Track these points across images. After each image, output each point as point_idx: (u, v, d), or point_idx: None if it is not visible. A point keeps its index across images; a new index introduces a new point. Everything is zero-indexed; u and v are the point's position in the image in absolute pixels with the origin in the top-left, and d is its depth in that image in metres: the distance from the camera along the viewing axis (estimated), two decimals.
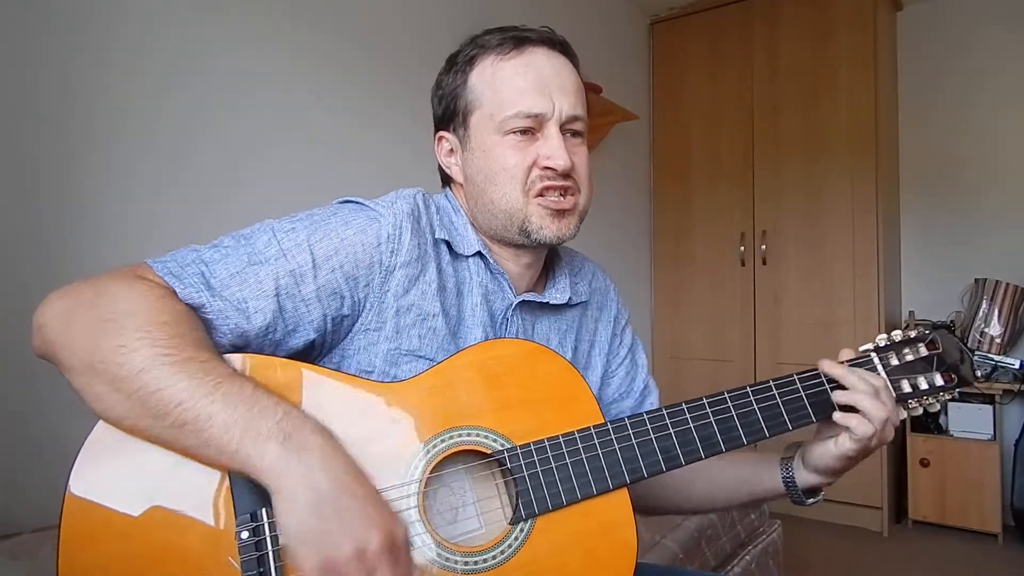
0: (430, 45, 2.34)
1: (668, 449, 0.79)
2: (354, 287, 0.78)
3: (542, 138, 0.83)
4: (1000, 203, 3.16)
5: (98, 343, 0.63)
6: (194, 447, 0.63)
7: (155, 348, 0.63)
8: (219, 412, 0.62)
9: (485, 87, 0.85)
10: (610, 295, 1.04)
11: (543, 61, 0.85)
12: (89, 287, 0.67)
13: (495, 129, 0.84)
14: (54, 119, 1.47)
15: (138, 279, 0.69)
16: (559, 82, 0.85)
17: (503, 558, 0.72)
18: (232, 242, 0.76)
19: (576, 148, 0.86)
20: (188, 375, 0.63)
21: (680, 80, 3.57)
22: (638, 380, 1.03)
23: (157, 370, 0.62)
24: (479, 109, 0.85)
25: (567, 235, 0.86)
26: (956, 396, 0.90)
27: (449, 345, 0.82)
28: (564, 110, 0.84)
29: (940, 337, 0.89)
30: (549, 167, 0.82)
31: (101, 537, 0.63)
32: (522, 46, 0.85)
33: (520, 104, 0.82)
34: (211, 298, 0.70)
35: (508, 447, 0.75)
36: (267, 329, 0.73)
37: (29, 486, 1.29)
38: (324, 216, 0.79)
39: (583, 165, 0.87)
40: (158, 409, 0.62)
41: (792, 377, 0.85)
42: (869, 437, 0.80)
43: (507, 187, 0.83)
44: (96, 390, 0.64)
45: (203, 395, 0.62)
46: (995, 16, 3.18)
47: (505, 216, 0.85)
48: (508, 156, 0.83)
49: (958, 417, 2.97)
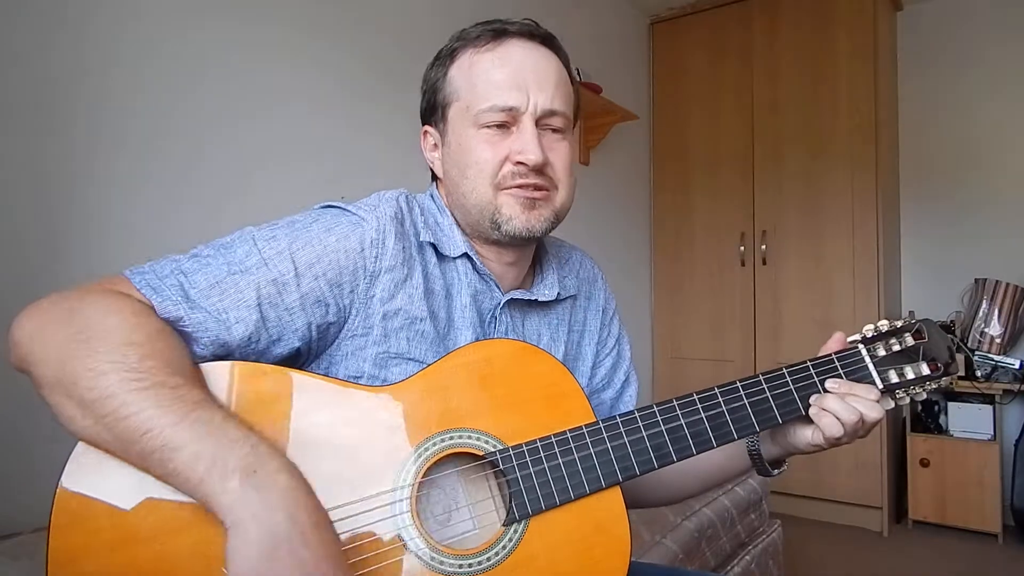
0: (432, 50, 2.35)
1: (660, 447, 0.80)
2: (339, 294, 0.77)
3: (516, 132, 0.82)
4: (1000, 203, 3.16)
5: (70, 364, 0.62)
6: (161, 476, 0.61)
7: (125, 372, 0.61)
8: (186, 444, 0.60)
9: (463, 80, 0.84)
10: (598, 284, 1.03)
11: (521, 54, 0.83)
12: (64, 303, 0.66)
13: (471, 122, 0.83)
14: (61, 124, 1.47)
15: (114, 294, 0.67)
16: (536, 76, 0.82)
17: (497, 560, 0.72)
18: (212, 251, 0.74)
19: (555, 144, 0.84)
20: (156, 401, 0.61)
21: (680, 80, 3.57)
22: (620, 372, 1.03)
23: (125, 395, 0.60)
24: (456, 102, 0.85)
25: (538, 228, 0.84)
26: (942, 385, 0.90)
27: (438, 347, 0.82)
28: (539, 104, 0.82)
29: (926, 326, 0.89)
30: (521, 162, 0.81)
31: (91, 542, 0.62)
32: (500, 39, 0.84)
33: (494, 97, 0.81)
34: (190, 310, 0.69)
35: (500, 448, 0.75)
36: (249, 339, 0.72)
37: (28, 486, 1.29)
38: (305, 223, 0.78)
39: (561, 162, 0.85)
40: (125, 436, 0.60)
41: (781, 371, 0.85)
42: (837, 438, 0.82)
43: (477, 180, 0.82)
44: (68, 411, 0.62)
45: (170, 424, 0.60)
46: (995, 16, 3.18)
47: (477, 211, 0.84)
48: (481, 150, 0.82)
49: (958, 417, 2.97)
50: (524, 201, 0.82)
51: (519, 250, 0.90)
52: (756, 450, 0.91)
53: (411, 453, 0.73)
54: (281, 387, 0.71)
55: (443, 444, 0.74)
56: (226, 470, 0.59)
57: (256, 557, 0.57)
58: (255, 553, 0.57)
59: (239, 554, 0.58)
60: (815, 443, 0.84)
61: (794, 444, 0.87)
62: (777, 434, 0.90)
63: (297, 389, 0.72)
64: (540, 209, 0.84)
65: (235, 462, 0.60)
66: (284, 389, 0.71)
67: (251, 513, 0.58)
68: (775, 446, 0.90)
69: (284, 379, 0.72)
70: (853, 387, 0.83)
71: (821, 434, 0.83)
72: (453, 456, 0.75)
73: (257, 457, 0.61)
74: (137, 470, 0.63)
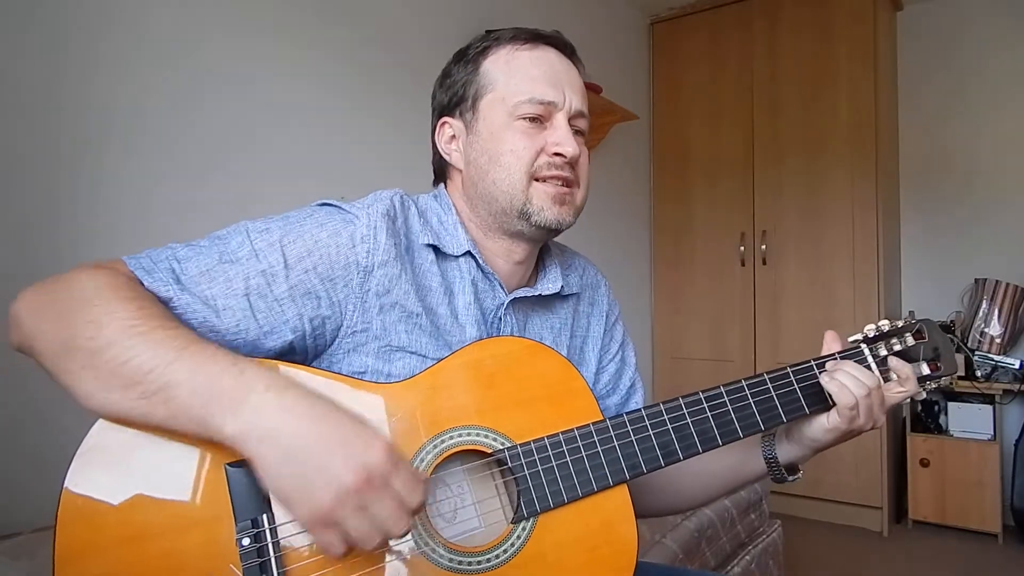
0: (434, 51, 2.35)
1: (666, 445, 0.80)
2: (331, 288, 0.77)
3: (551, 127, 0.86)
4: (1000, 203, 3.16)
5: (68, 322, 0.64)
6: (166, 417, 0.62)
7: (124, 321, 0.63)
8: (185, 379, 0.62)
9: (499, 72, 0.87)
10: (601, 289, 1.04)
11: (555, 58, 0.88)
12: (59, 279, 0.68)
13: (506, 112, 0.85)
14: (72, 128, 1.48)
15: (106, 267, 0.70)
16: (568, 79, 0.88)
17: (506, 557, 0.72)
18: (207, 242, 0.76)
19: (580, 146, 0.88)
20: (156, 342, 0.63)
21: (680, 80, 3.57)
22: (625, 377, 1.03)
23: (127, 340, 0.62)
24: (491, 93, 0.87)
25: (566, 222, 0.87)
26: (942, 384, 0.93)
27: (439, 342, 0.82)
28: (574, 104, 0.87)
29: (926, 327, 0.92)
30: (559, 153, 0.84)
31: (98, 540, 0.62)
32: (536, 42, 0.88)
33: (534, 91, 0.85)
34: (179, 292, 0.71)
35: (508, 446, 0.75)
36: (238, 327, 0.73)
37: (29, 486, 1.29)
38: (299, 218, 0.79)
39: (585, 162, 0.89)
40: (129, 379, 0.62)
41: (786, 370, 0.87)
42: (853, 412, 0.82)
43: (512, 167, 0.84)
44: (69, 368, 0.63)
45: (170, 360, 0.62)
46: (995, 16, 3.19)
47: (506, 199, 0.85)
48: (517, 139, 0.85)
49: (958, 417, 2.98)
50: (556, 195, 0.85)
51: (531, 247, 0.91)
52: (772, 456, 0.91)
53: (420, 451, 0.73)
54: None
55: (451, 441, 0.74)
56: (221, 405, 0.61)
57: (281, 478, 0.61)
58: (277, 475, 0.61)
59: (267, 481, 0.62)
60: (831, 427, 0.85)
61: (811, 436, 0.87)
62: (792, 431, 0.90)
63: (303, 384, 0.71)
64: (568, 205, 0.87)
65: (227, 393, 0.62)
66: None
67: (255, 441, 0.61)
68: (791, 446, 0.90)
69: (292, 376, 0.71)
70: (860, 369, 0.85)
71: (837, 415, 0.83)
72: (460, 453, 0.75)
73: (245, 382, 0.62)
74: (140, 475, 0.63)
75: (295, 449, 0.60)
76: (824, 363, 0.88)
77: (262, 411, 0.61)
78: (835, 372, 0.84)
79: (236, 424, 0.61)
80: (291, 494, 0.61)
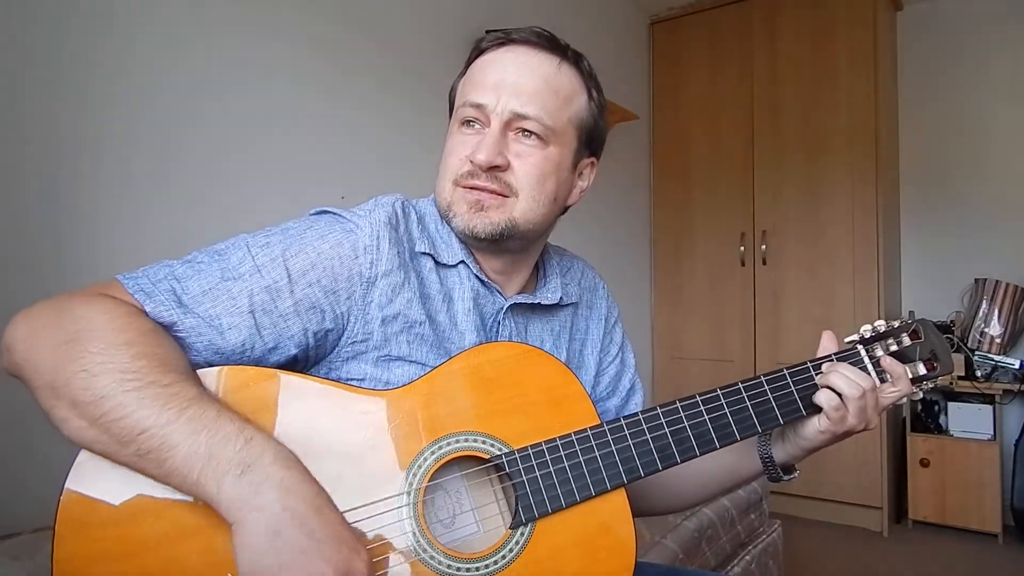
0: (434, 52, 2.35)
1: (664, 448, 0.80)
2: (335, 301, 0.76)
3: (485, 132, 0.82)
4: (1000, 203, 3.16)
5: (61, 366, 0.62)
6: (157, 476, 0.62)
7: (119, 373, 0.61)
8: (181, 442, 0.60)
9: (463, 81, 0.87)
10: (599, 292, 1.03)
11: (513, 59, 0.83)
12: (55, 305, 0.66)
13: (455, 120, 0.86)
14: (41, 119, 1.46)
15: (104, 297, 0.67)
16: (518, 79, 0.81)
17: (504, 563, 0.72)
18: (206, 258, 0.74)
19: (525, 152, 0.82)
20: (150, 401, 0.61)
21: (680, 80, 3.57)
22: (624, 380, 1.03)
23: (120, 396, 0.61)
24: (455, 102, 0.88)
25: (481, 231, 0.81)
26: (938, 384, 0.93)
27: (439, 350, 0.82)
28: (508, 106, 0.80)
29: (922, 326, 0.92)
30: (471, 159, 0.81)
31: (98, 541, 0.62)
32: (503, 45, 0.84)
33: (469, 94, 0.83)
34: (183, 315, 0.69)
35: (506, 451, 0.75)
36: (243, 345, 0.72)
37: (29, 486, 1.29)
38: (299, 230, 0.78)
39: (527, 170, 0.82)
40: (121, 437, 0.61)
41: (782, 372, 0.87)
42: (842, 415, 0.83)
43: (443, 176, 0.85)
44: (61, 413, 0.62)
45: (165, 423, 0.60)
46: (995, 16, 3.18)
47: (440, 204, 0.85)
48: (451, 146, 0.85)
49: (958, 417, 2.98)
50: (471, 200, 0.82)
51: (504, 257, 0.88)
52: (768, 455, 0.91)
53: (417, 456, 0.73)
54: (284, 391, 0.71)
55: (449, 448, 0.74)
56: (219, 469, 0.60)
57: (260, 551, 0.59)
58: (259, 548, 0.59)
59: (243, 551, 0.59)
60: (823, 429, 0.85)
61: (804, 437, 0.87)
62: (786, 433, 0.90)
63: (301, 393, 0.72)
64: (489, 213, 0.81)
65: (228, 459, 0.61)
66: (287, 393, 0.71)
67: (248, 510, 0.59)
68: (786, 446, 0.91)
69: (288, 383, 0.72)
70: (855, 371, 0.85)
71: (827, 417, 0.83)
72: (458, 459, 0.75)
73: (250, 452, 0.62)
74: (140, 481, 0.63)
75: (286, 529, 0.59)
76: (820, 365, 0.88)
77: (265, 482, 0.61)
78: (829, 374, 0.85)
79: (236, 489, 0.60)
80: (264, 570, 0.59)
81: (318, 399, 0.72)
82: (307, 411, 0.71)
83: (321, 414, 0.71)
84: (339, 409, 0.72)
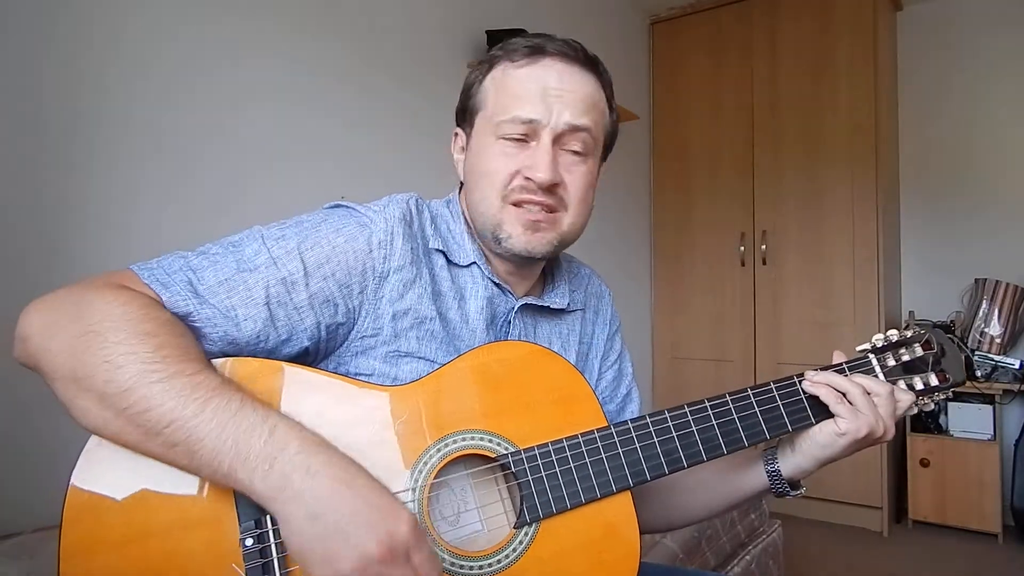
0: (434, 53, 2.34)
1: (670, 452, 0.80)
2: (347, 295, 0.76)
3: (534, 148, 0.81)
4: (1000, 203, 3.16)
5: (82, 358, 0.62)
6: (187, 467, 0.62)
7: (142, 364, 0.61)
8: (208, 434, 0.61)
9: (493, 90, 0.85)
10: (604, 299, 1.04)
11: (553, 73, 0.82)
12: (70, 297, 0.66)
13: (491, 132, 0.83)
14: (59, 124, 1.47)
15: (121, 288, 0.67)
16: (563, 93, 0.81)
17: (508, 562, 0.72)
18: (220, 249, 0.74)
19: (573, 166, 0.83)
20: (176, 392, 0.61)
21: (680, 80, 3.57)
22: (622, 386, 1.03)
23: (145, 388, 0.61)
24: (483, 111, 0.85)
25: (538, 251, 0.83)
26: (950, 396, 0.92)
27: (448, 347, 0.82)
28: (562, 120, 0.81)
29: (935, 336, 0.91)
30: (530, 178, 0.80)
31: (103, 535, 0.62)
32: (537, 55, 0.83)
33: (516, 109, 0.81)
34: (199, 305, 0.69)
35: (513, 451, 0.75)
36: (258, 337, 0.72)
37: (29, 486, 1.29)
38: (314, 223, 0.78)
39: (577, 184, 0.83)
40: (148, 428, 0.61)
41: (792, 379, 0.86)
42: (853, 421, 0.82)
43: (487, 191, 0.83)
44: (82, 404, 0.62)
45: (192, 414, 0.61)
46: (995, 16, 3.18)
47: (483, 220, 0.84)
48: (495, 160, 0.82)
49: (958, 417, 2.98)
50: (527, 221, 0.82)
51: (519, 265, 0.88)
52: (775, 470, 0.89)
53: (423, 453, 0.73)
54: (290, 384, 0.71)
55: (455, 445, 0.74)
56: (248, 464, 0.61)
57: (306, 538, 0.60)
58: (303, 535, 0.60)
59: (290, 539, 0.61)
60: (840, 431, 0.83)
61: (819, 443, 0.85)
62: (798, 439, 0.88)
63: (307, 386, 0.72)
64: (544, 232, 0.83)
65: (256, 454, 0.61)
66: (294, 386, 0.71)
67: (283, 501, 0.60)
68: (795, 457, 0.88)
69: (294, 376, 0.71)
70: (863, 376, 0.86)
71: (842, 420, 0.82)
72: (464, 457, 0.75)
73: (275, 443, 0.62)
74: (143, 465, 0.63)
75: (322, 512, 0.60)
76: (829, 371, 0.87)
77: (293, 472, 0.61)
78: (832, 375, 0.85)
79: (266, 484, 0.61)
80: (313, 555, 0.60)
81: (324, 393, 0.72)
82: (313, 404, 0.70)
83: (327, 408, 0.71)
84: (345, 403, 0.72)
